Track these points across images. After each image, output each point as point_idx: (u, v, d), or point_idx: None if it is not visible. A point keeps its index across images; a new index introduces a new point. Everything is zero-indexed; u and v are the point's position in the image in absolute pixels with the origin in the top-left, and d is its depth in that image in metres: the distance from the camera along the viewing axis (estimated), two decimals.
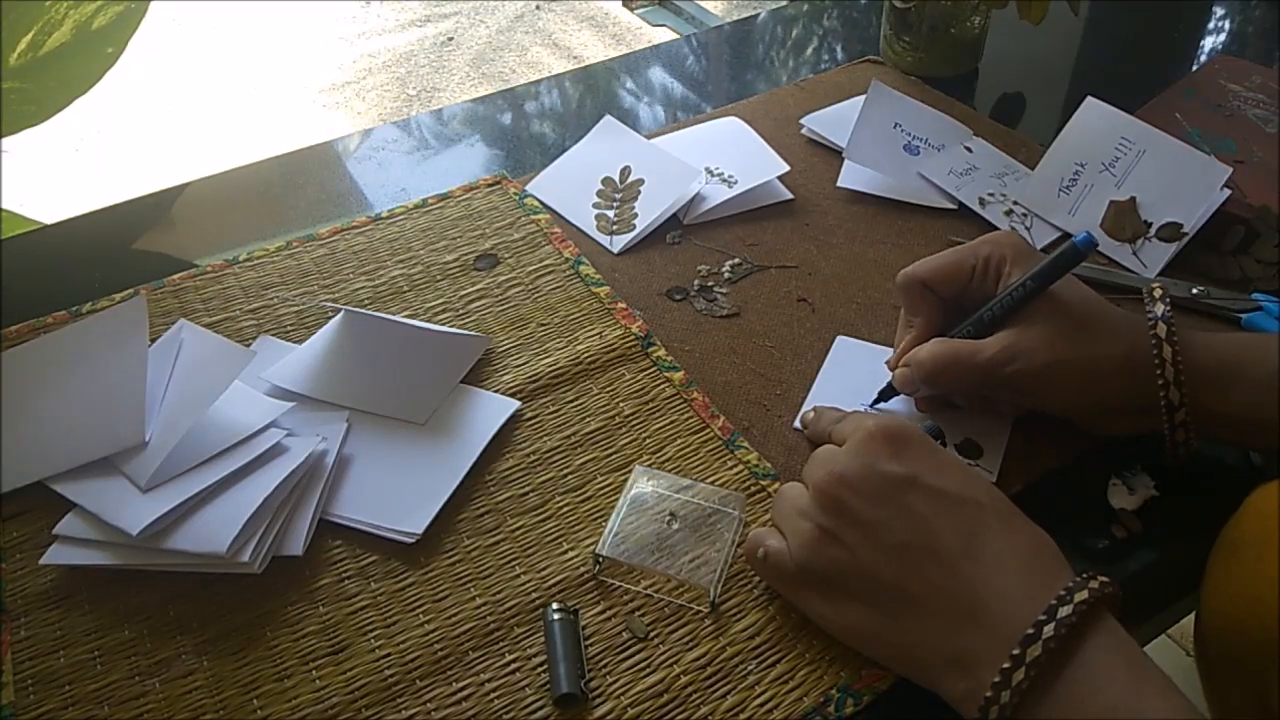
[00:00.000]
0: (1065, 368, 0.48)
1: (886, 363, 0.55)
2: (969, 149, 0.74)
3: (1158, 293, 0.49)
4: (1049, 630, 0.36)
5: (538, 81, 0.92)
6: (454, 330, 0.59)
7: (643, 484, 0.50)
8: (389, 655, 0.44)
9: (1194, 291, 0.60)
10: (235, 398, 0.53)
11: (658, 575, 0.46)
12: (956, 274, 0.52)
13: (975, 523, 0.40)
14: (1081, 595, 0.37)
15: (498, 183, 0.73)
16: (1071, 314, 0.49)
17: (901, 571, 0.40)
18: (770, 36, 0.99)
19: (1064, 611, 0.36)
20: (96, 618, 0.46)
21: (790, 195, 0.72)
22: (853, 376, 0.57)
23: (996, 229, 0.67)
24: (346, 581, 0.47)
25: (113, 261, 0.69)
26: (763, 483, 0.51)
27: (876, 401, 0.55)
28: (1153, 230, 0.64)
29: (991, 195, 0.70)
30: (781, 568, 0.43)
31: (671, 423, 0.54)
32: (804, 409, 0.55)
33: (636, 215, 0.69)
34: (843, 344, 0.59)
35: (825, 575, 0.42)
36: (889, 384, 0.54)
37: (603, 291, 0.63)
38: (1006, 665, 0.36)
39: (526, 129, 0.85)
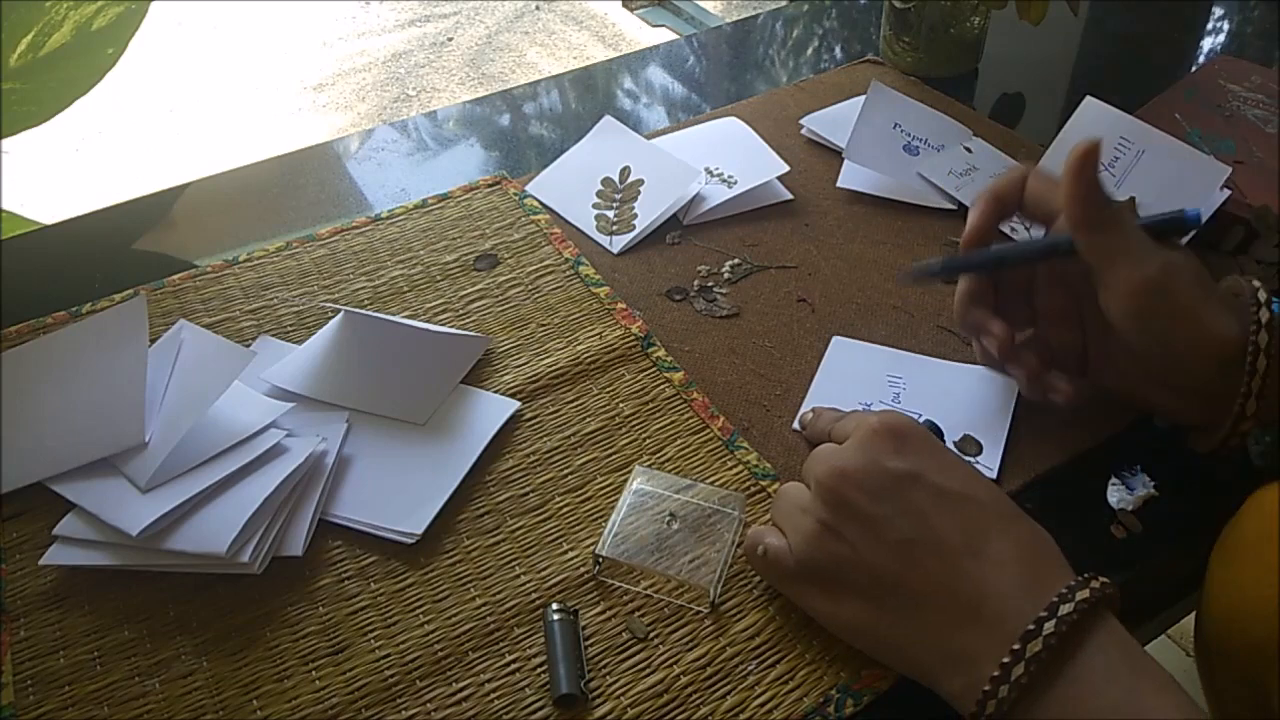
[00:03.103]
0: (1198, 309, 0.45)
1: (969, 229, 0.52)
2: (969, 149, 0.74)
3: (1263, 296, 0.46)
4: (1050, 627, 0.36)
5: (537, 82, 0.92)
6: (454, 330, 0.59)
7: (642, 484, 0.50)
8: (389, 655, 0.44)
9: None
10: (235, 398, 0.53)
11: (658, 575, 0.46)
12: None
13: (978, 520, 0.40)
14: (1083, 594, 0.37)
15: (497, 183, 0.73)
16: (1205, 272, 0.46)
17: (904, 568, 0.40)
18: (770, 37, 0.99)
19: (1065, 609, 0.36)
20: (96, 618, 0.46)
21: (790, 195, 0.72)
22: (851, 377, 0.57)
23: (997, 229, 0.67)
24: (346, 582, 0.47)
25: (113, 261, 0.69)
26: (762, 483, 0.51)
27: (939, 271, 0.52)
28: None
29: None
30: (782, 564, 0.43)
31: (671, 423, 0.54)
32: (802, 410, 0.55)
33: (636, 215, 0.69)
34: (840, 344, 0.59)
35: (826, 571, 0.42)
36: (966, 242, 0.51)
37: (603, 292, 0.63)
38: (1006, 660, 0.36)
39: (526, 129, 0.85)
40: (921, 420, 0.53)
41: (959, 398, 0.55)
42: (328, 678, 0.43)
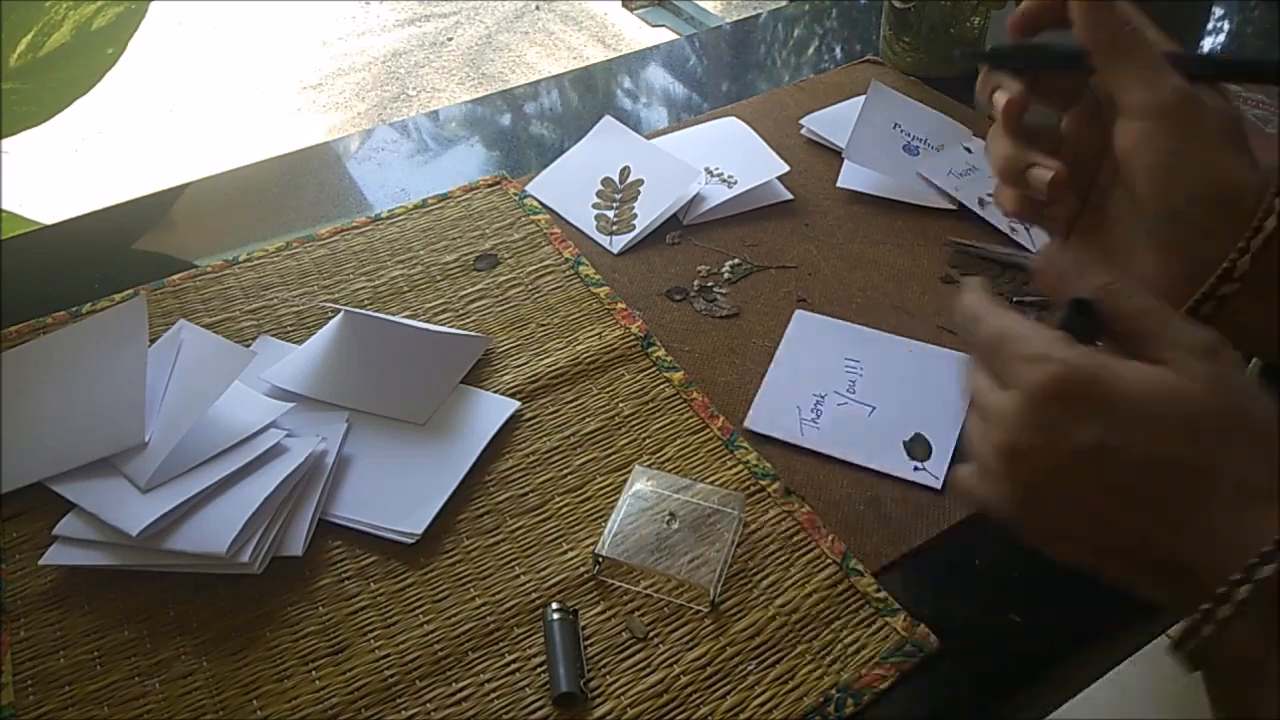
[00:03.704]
0: (1209, 146, 0.41)
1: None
2: (968, 149, 0.74)
3: None
4: (1243, 592, 0.31)
5: (537, 82, 0.92)
6: (454, 330, 0.59)
7: (642, 484, 0.50)
8: (389, 655, 0.44)
9: None
10: (235, 398, 0.53)
11: (657, 575, 0.46)
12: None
13: (1193, 486, 0.34)
14: None
15: (497, 183, 0.73)
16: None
17: (1117, 537, 0.35)
18: (770, 36, 0.99)
19: (1269, 569, 0.31)
20: (96, 618, 0.46)
21: (790, 195, 0.72)
22: (808, 363, 0.57)
23: (997, 230, 0.67)
24: (346, 582, 0.47)
25: (113, 261, 0.69)
26: (762, 483, 0.51)
27: (995, 51, 0.47)
28: None
29: (991, 196, 0.70)
30: (995, 512, 0.37)
31: (671, 423, 0.54)
32: (754, 407, 0.54)
33: (636, 215, 0.69)
34: (801, 319, 0.59)
35: (1036, 527, 0.37)
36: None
37: (602, 292, 0.63)
38: (1219, 595, 0.32)
39: (526, 129, 0.85)
40: (1068, 307, 0.38)
41: (915, 388, 0.55)
42: (328, 678, 0.43)
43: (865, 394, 0.55)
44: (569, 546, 0.48)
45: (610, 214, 0.69)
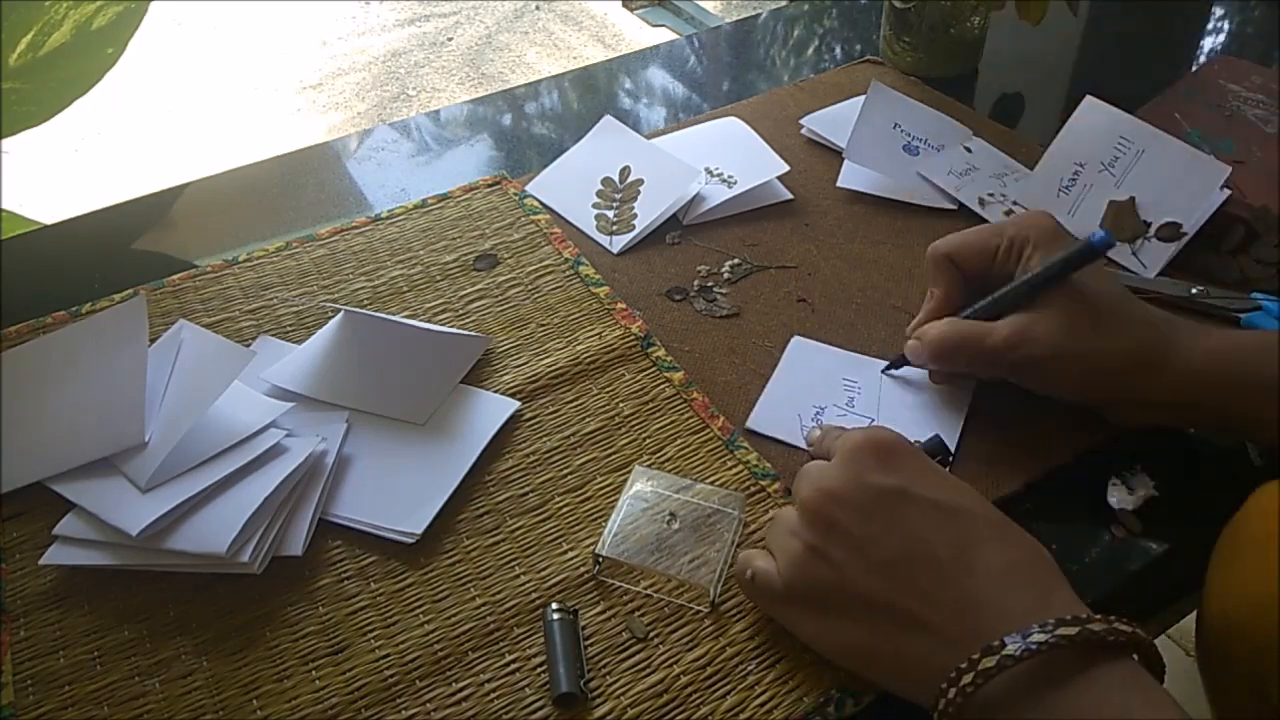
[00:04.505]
0: (1069, 359, 0.48)
1: (907, 332, 0.55)
2: (968, 149, 0.74)
3: None
4: (1014, 648, 0.35)
5: (537, 82, 0.92)
6: (454, 330, 0.59)
7: (642, 484, 0.50)
8: (389, 655, 0.44)
9: (1193, 291, 0.60)
10: (235, 398, 0.53)
11: (658, 575, 0.46)
12: (982, 251, 0.53)
13: (968, 532, 0.39)
14: (1067, 630, 0.35)
15: (497, 183, 0.73)
16: (1087, 306, 0.49)
17: (894, 588, 0.39)
18: (770, 36, 0.99)
19: (1039, 636, 0.35)
20: (96, 618, 0.46)
21: (790, 195, 0.72)
22: (807, 378, 0.56)
23: None
24: (346, 582, 0.47)
25: (113, 261, 0.69)
26: (762, 483, 0.51)
27: (888, 368, 0.56)
28: (1152, 230, 0.64)
29: (991, 195, 0.70)
30: (769, 589, 0.42)
31: (671, 423, 0.54)
32: (756, 409, 0.54)
33: (636, 215, 0.69)
34: (799, 345, 0.59)
35: (814, 594, 0.41)
36: (902, 354, 0.55)
37: (602, 292, 0.63)
38: (963, 665, 0.36)
39: (526, 129, 0.85)
40: (929, 438, 0.51)
41: (912, 407, 0.55)
42: (327, 678, 0.43)
43: (863, 409, 0.55)
44: (569, 546, 0.48)
45: (610, 214, 0.69)
